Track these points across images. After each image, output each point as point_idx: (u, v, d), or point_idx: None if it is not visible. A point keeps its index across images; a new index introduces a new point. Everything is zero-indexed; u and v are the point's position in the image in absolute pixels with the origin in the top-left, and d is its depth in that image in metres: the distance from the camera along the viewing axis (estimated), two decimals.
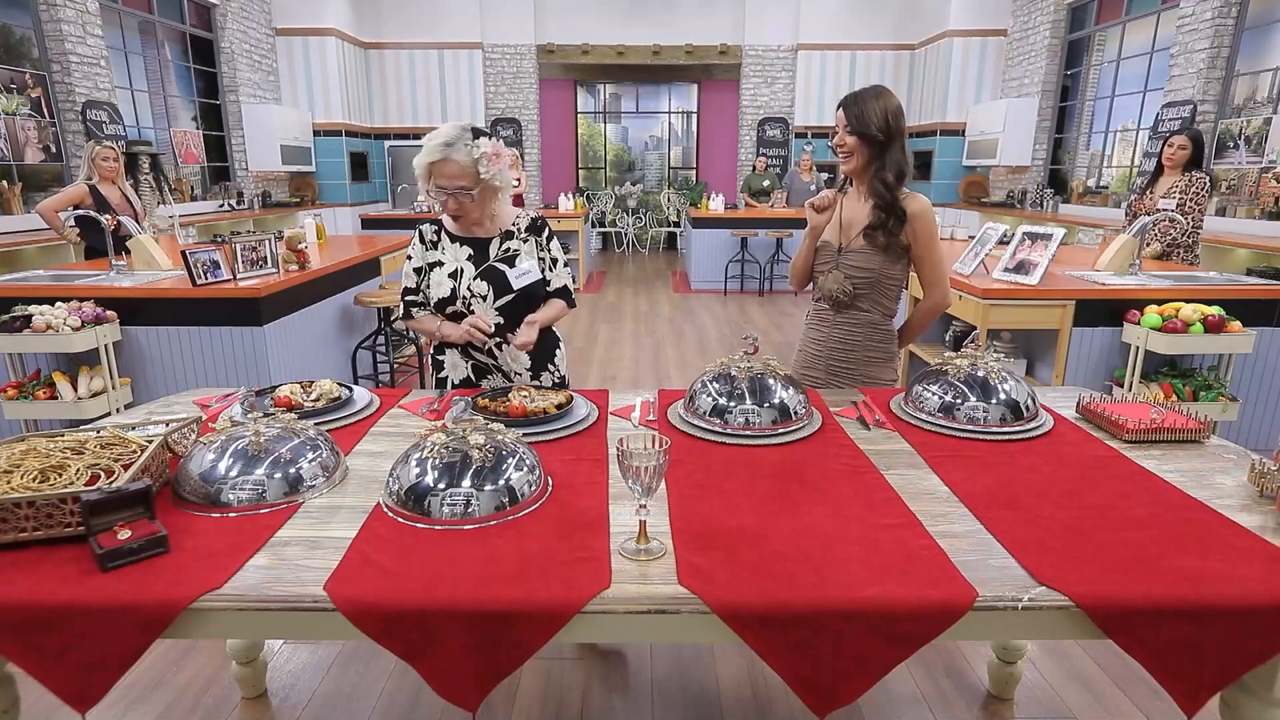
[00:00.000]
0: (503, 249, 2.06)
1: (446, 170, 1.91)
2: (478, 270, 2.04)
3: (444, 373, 2.14)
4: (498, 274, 2.04)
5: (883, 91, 2.04)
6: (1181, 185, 4.05)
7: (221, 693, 2.01)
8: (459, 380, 2.12)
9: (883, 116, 1.98)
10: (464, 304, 2.03)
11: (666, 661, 2.13)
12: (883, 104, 1.99)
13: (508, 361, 2.11)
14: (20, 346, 2.99)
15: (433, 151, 1.89)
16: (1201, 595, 1.03)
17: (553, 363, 2.20)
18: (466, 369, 2.12)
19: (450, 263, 2.05)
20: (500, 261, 2.05)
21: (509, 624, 1.02)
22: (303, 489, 1.32)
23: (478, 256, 2.05)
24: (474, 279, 2.03)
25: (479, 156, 1.90)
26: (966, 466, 1.46)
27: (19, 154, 5.73)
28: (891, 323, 2.17)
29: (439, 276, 2.04)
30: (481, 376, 2.13)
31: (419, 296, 2.10)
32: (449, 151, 1.89)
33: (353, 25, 9.83)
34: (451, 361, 2.12)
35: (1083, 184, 8.31)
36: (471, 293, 2.02)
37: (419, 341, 4.76)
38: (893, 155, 2.01)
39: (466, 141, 1.90)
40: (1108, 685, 2.03)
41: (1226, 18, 6.07)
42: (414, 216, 8.20)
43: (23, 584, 1.04)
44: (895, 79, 10.41)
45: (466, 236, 2.07)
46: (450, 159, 1.89)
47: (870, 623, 1.02)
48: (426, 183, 1.95)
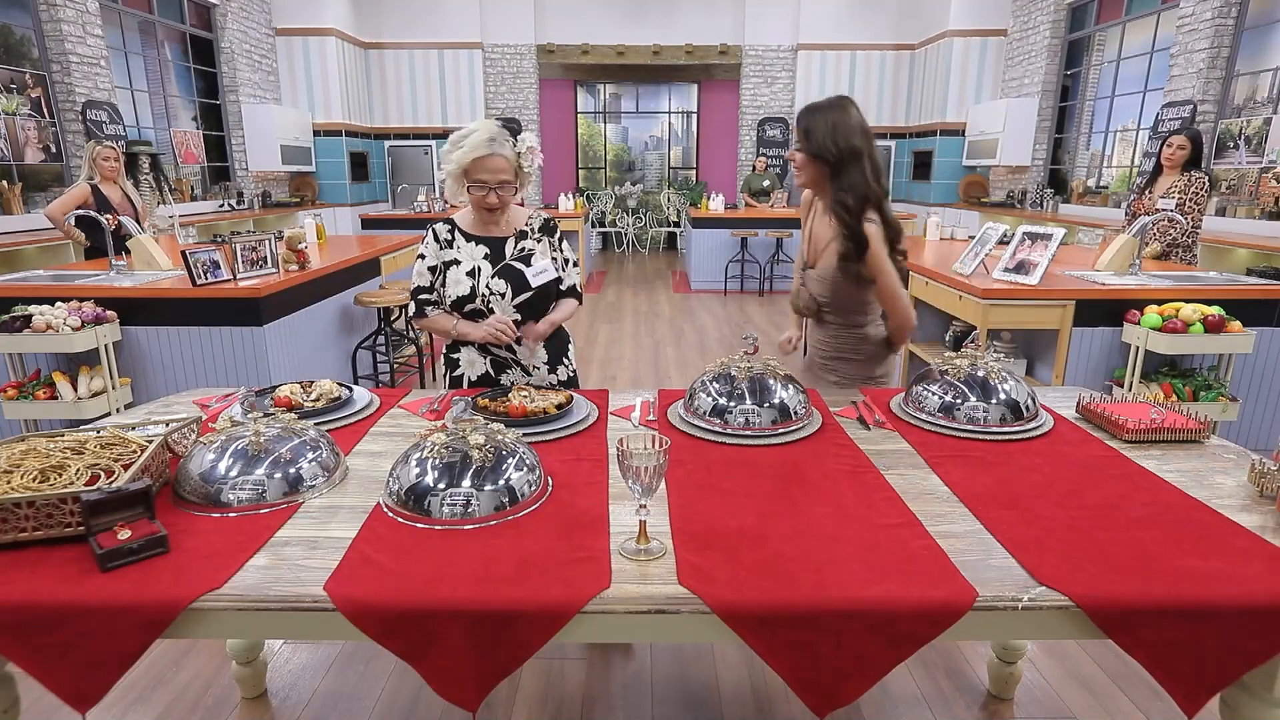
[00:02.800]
0: (518, 248, 2.09)
1: (491, 165, 1.95)
2: (495, 269, 2.06)
3: (459, 370, 2.15)
4: (515, 272, 2.06)
5: (839, 105, 1.92)
6: (1181, 185, 4.05)
7: (221, 693, 2.01)
8: (476, 377, 2.14)
9: (830, 134, 1.88)
10: (483, 302, 2.05)
11: (666, 661, 2.13)
12: (833, 120, 1.89)
13: (526, 356, 2.13)
14: (20, 346, 2.99)
15: (479, 147, 1.93)
16: (1201, 595, 1.03)
17: (566, 356, 2.23)
18: (485, 365, 2.13)
19: (467, 261, 2.07)
20: (517, 260, 2.08)
21: (509, 624, 1.02)
22: (303, 489, 1.32)
23: (494, 255, 2.07)
24: (492, 277, 2.05)
25: (523, 151, 1.97)
26: (966, 466, 1.46)
27: (19, 154, 5.73)
28: (871, 328, 2.12)
29: (456, 275, 2.06)
30: (500, 372, 2.14)
31: (433, 295, 2.11)
32: (494, 147, 1.94)
33: (353, 25, 9.83)
34: (468, 359, 2.13)
35: (1083, 184, 8.31)
36: (490, 290, 2.05)
37: (419, 341, 4.76)
38: (850, 177, 1.90)
39: (507, 137, 1.96)
40: (1108, 685, 2.03)
41: (1226, 18, 6.07)
42: (414, 216, 8.19)
43: (23, 584, 1.04)
44: (895, 79, 10.42)
45: (482, 235, 2.09)
46: (496, 154, 1.94)
47: (870, 623, 1.02)
48: (461, 179, 1.98)
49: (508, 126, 1.98)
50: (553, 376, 2.18)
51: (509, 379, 2.13)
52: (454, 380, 2.16)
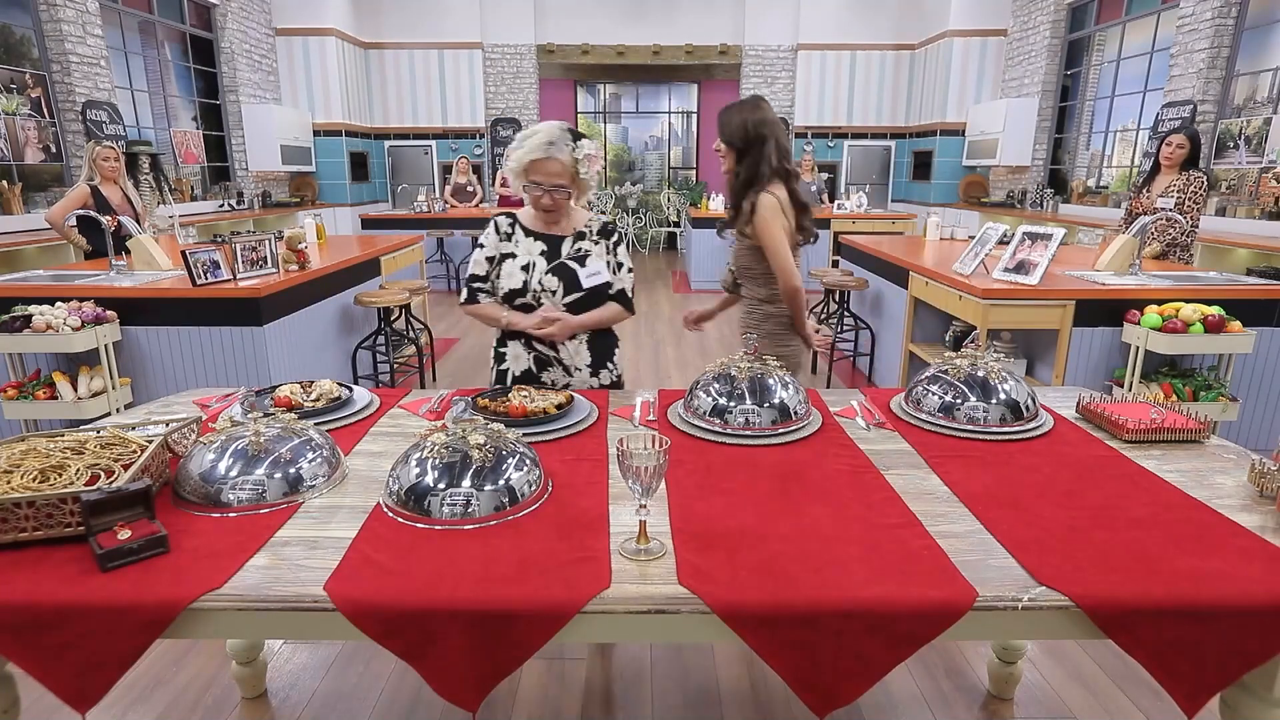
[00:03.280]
0: (574, 248, 2.11)
1: (548, 168, 1.97)
2: (549, 265, 2.08)
3: (505, 365, 2.17)
4: (569, 271, 2.08)
5: (750, 104, 2.27)
6: (1179, 184, 4.05)
7: (221, 693, 2.01)
8: (520, 372, 2.15)
9: (742, 127, 2.24)
10: (534, 297, 2.07)
11: (666, 661, 2.13)
12: (743, 116, 2.25)
13: (569, 355, 2.14)
14: (20, 346, 2.99)
15: (536, 149, 1.96)
16: (1201, 595, 1.03)
17: (611, 360, 2.22)
18: (528, 360, 2.14)
19: (523, 255, 2.09)
20: (572, 260, 2.09)
21: (509, 624, 1.02)
22: (303, 489, 1.32)
23: (550, 252, 2.09)
24: (545, 273, 2.07)
25: (580, 158, 1.99)
26: (966, 466, 1.46)
27: (19, 154, 5.73)
28: (774, 306, 2.38)
29: (511, 268, 2.09)
30: (542, 369, 2.15)
31: (486, 285, 2.14)
32: (552, 150, 1.96)
33: (353, 25, 9.83)
34: (514, 353, 2.15)
35: (1083, 184, 8.31)
36: (542, 286, 2.07)
37: (419, 341, 4.76)
38: (750, 160, 2.26)
39: (567, 142, 1.98)
40: (1108, 685, 2.03)
41: (1226, 18, 6.07)
42: (414, 216, 8.21)
43: (23, 584, 1.05)
44: (895, 79, 10.41)
45: (541, 232, 2.11)
46: (553, 158, 1.96)
47: (870, 623, 1.02)
48: (522, 177, 2.02)
49: (573, 132, 2.01)
50: (594, 380, 2.17)
51: (549, 377, 2.15)
52: (499, 374, 2.19)
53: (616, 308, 2.16)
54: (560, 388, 2.07)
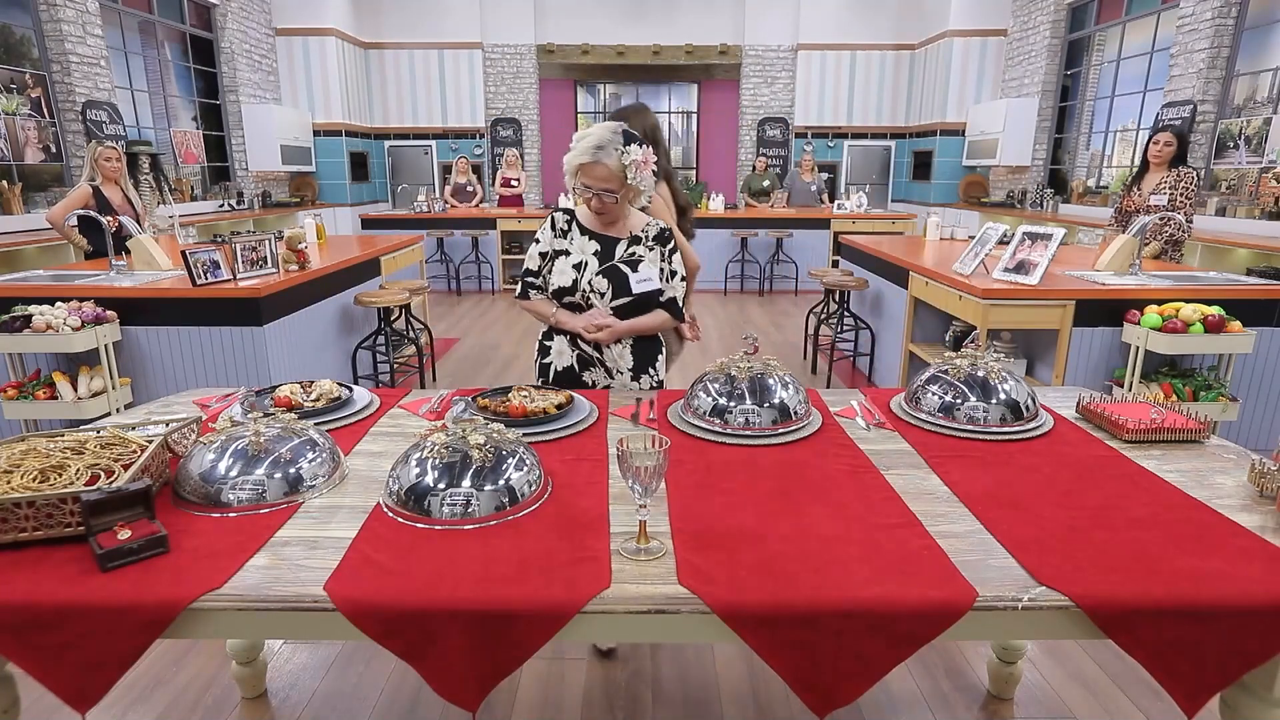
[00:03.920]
0: (628, 252, 2.11)
1: (596, 172, 1.98)
2: (601, 267, 2.09)
3: (548, 359, 2.18)
4: (620, 275, 2.08)
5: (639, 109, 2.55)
6: (1170, 181, 4.07)
7: (221, 693, 2.01)
8: (562, 368, 2.16)
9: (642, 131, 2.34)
10: (583, 296, 2.08)
11: (666, 661, 2.13)
12: (643, 120, 2.49)
13: (612, 358, 2.14)
14: (20, 346, 2.99)
15: (584, 153, 1.97)
16: (1201, 595, 1.03)
17: (654, 366, 2.21)
18: (571, 358, 2.15)
19: (576, 254, 2.10)
20: (624, 263, 2.09)
21: (509, 624, 1.02)
22: (303, 489, 1.32)
23: (603, 253, 2.10)
24: (596, 274, 2.08)
25: (628, 163, 1.98)
26: (966, 466, 1.46)
27: (19, 154, 5.73)
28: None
29: (563, 265, 2.10)
30: (584, 368, 2.16)
31: (539, 279, 2.14)
32: (599, 155, 1.96)
33: (353, 25, 9.83)
34: (558, 349, 2.16)
35: (1083, 184, 8.31)
36: (591, 287, 2.07)
37: (419, 341, 4.76)
38: None
39: (617, 146, 1.98)
40: (1108, 685, 2.03)
41: (1226, 18, 6.07)
42: (414, 217, 8.21)
43: (23, 584, 1.04)
44: (895, 79, 10.41)
45: (597, 232, 2.12)
46: (600, 162, 1.97)
47: (870, 623, 1.02)
48: (574, 178, 2.03)
49: (627, 135, 2.00)
50: (635, 384, 2.17)
51: (590, 377, 2.16)
52: (542, 367, 2.20)
53: (665, 315, 2.15)
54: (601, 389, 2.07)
